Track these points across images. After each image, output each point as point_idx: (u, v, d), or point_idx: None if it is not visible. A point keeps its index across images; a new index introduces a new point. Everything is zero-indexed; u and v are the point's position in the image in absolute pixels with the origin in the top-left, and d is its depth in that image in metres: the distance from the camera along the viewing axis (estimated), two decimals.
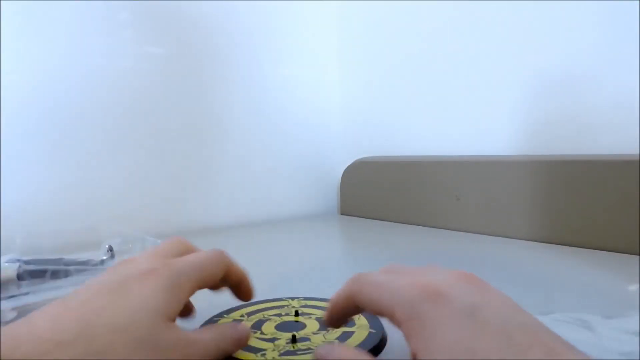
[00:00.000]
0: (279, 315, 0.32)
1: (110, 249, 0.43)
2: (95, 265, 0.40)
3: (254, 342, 0.27)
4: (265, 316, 0.32)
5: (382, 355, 0.27)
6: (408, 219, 0.73)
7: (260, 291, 0.38)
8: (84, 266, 0.39)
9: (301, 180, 0.87)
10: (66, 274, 0.37)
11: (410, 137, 0.78)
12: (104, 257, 0.42)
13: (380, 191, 0.79)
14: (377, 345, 0.27)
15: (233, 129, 0.78)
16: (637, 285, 0.37)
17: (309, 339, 0.27)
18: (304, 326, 0.30)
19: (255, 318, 0.31)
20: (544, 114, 0.60)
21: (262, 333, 0.29)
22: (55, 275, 0.36)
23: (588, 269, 0.45)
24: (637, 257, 0.47)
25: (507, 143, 0.64)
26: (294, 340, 0.27)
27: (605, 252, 0.50)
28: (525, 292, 0.38)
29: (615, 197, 0.49)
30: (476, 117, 0.68)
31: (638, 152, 0.50)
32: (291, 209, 0.85)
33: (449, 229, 0.66)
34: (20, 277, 0.35)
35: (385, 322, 0.30)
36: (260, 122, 0.81)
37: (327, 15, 0.90)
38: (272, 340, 0.27)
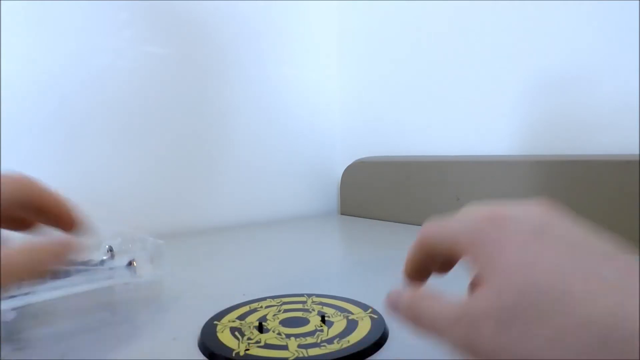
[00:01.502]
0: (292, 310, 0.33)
1: (111, 249, 0.43)
2: (95, 265, 0.40)
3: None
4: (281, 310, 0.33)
5: (383, 353, 0.27)
6: (408, 219, 0.73)
7: (261, 290, 0.38)
8: (84, 266, 0.39)
9: (301, 180, 0.87)
10: (66, 274, 0.37)
11: (410, 137, 0.78)
12: (104, 258, 0.42)
13: (380, 191, 0.79)
14: (379, 338, 0.27)
15: (233, 129, 0.78)
16: None
17: (269, 331, 0.29)
18: (307, 322, 0.31)
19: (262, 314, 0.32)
20: (544, 114, 0.60)
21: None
22: (55, 275, 0.36)
23: None
24: (637, 257, 0.47)
25: (507, 143, 0.64)
26: (260, 329, 0.29)
27: None
28: None
29: (615, 197, 0.49)
30: (476, 117, 0.68)
31: (638, 152, 0.50)
32: (291, 209, 0.85)
33: None
34: None
35: (387, 319, 0.30)
36: (260, 122, 0.81)
37: (327, 15, 0.90)
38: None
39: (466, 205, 0.21)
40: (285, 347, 0.26)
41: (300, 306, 0.33)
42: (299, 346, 0.27)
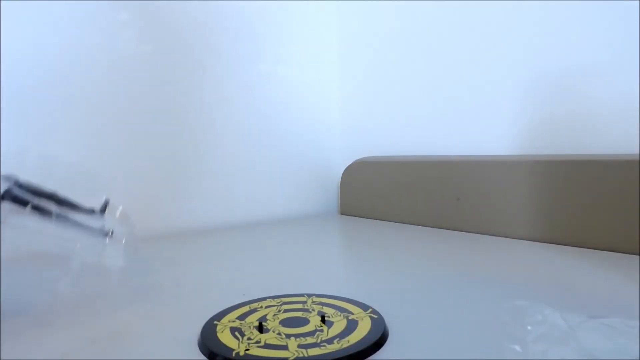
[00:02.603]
0: (290, 310, 0.33)
1: (107, 202, 0.40)
2: (87, 212, 0.38)
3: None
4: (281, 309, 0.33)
5: (383, 353, 0.27)
6: (408, 219, 0.73)
7: (261, 290, 0.38)
8: (72, 210, 0.36)
9: (301, 180, 0.87)
10: (48, 214, 0.33)
11: (411, 137, 0.78)
12: (96, 209, 0.39)
13: (380, 191, 0.79)
14: (379, 339, 0.27)
15: (232, 129, 0.78)
16: None
17: (269, 331, 0.29)
18: (307, 322, 0.30)
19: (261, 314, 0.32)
20: (544, 114, 0.60)
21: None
22: (37, 211, 0.33)
23: (589, 269, 0.45)
24: (637, 257, 0.47)
25: (507, 143, 0.64)
26: (260, 329, 0.29)
27: (605, 252, 0.50)
28: (527, 292, 0.38)
29: (615, 197, 0.49)
30: (476, 117, 0.68)
31: (638, 152, 0.50)
32: (291, 209, 0.85)
33: (449, 229, 0.66)
34: (3, 196, 0.32)
35: (387, 319, 0.31)
36: (260, 122, 0.81)
37: (327, 15, 0.90)
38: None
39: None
40: (285, 347, 0.26)
41: (300, 306, 0.33)
42: (299, 346, 0.27)
